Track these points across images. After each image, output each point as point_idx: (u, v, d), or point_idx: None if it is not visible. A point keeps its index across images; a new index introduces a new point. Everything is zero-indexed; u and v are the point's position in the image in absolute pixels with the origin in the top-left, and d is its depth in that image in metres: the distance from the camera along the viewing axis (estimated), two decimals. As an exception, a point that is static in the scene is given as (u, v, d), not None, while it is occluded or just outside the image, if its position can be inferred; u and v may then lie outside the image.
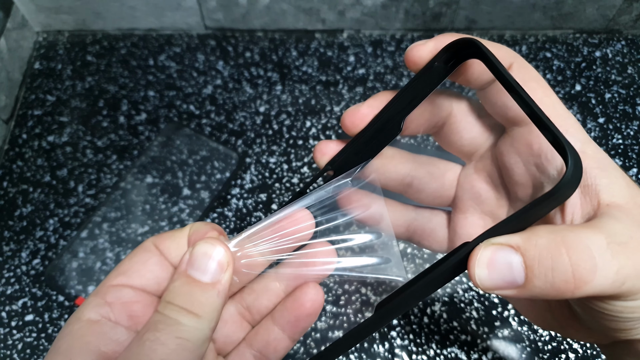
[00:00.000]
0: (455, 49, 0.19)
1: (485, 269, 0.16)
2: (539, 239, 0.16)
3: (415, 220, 0.25)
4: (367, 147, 0.22)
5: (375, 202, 0.23)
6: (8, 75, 0.49)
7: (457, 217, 0.24)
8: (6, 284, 0.41)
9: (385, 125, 0.21)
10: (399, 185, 0.24)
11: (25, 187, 0.45)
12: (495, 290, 0.17)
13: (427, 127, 0.23)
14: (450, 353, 0.37)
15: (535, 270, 0.16)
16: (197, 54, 0.52)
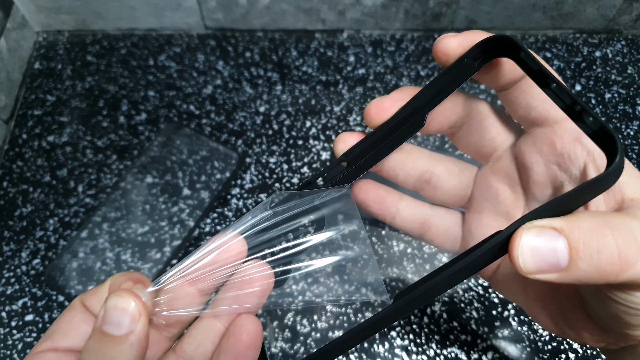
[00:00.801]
0: (487, 45, 0.19)
1: (529, 252, 0.16)
2: (582, 222, 0.16)
3: (430, 217, 0.25)
4: (387, 141, 0.22)
5: (355, 221, 0.23)
6: (8, 75, 0.49)
7: (472, 217, 0.24)
8: (6, 284, 0.41)
9: (408, 119, 0.21)
10: (417, 181, 0.24)
11: (25, 187, 0.45)
12: (537, 274, 0.16)
13: (448, 125, 0.22)
14: (451, 353, 0.37)
15: (581, 253, 0.16)
16: (197, 54, 0.52)
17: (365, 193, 0.24)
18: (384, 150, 0.22)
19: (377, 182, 0.25)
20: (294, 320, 0.39)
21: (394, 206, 0.24)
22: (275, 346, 0.38)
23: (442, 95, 0.21)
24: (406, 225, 0.25)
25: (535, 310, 0.23)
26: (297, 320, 0.39)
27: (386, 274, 0.41)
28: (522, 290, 0.23)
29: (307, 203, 0.23)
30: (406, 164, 0.24)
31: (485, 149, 0.23)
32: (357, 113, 0.48)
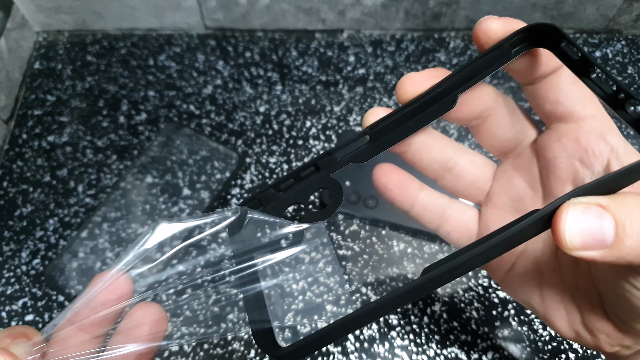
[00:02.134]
0: (530, 33, 0.19)
1: (576, 227, 0.16)
2: (628, 200, 0.16)
3: (450, 209, 0.24)
4: (415, 118, 0.21)
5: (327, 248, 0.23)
6: (8, 75, 0.49)
7: (489, 212, 0.24)
8: (6, 284, 0.41)
9: (439, 98, 0.21)
10: (440, 168, 0.24)
11: (25, 187, 0.45)
12: (582, 250, 0.16)
13: (477, 114, 0.22)
14: (451, 353, 0.37)
15: (628, 230, 0.16)
16: (197, 53, 0.52)
17: (388, 176, 0.23)
18: (411, 128, 0.22)
19: (399, 167, 0.24)
20: (294, 320, 0.39)
21: (415, 194, 0.24)
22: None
23: (476, 78, 0.20)
24: (424, 215, 0.24)
25: (550, 311, 0.22)
26: (297, 320, 0.39)
27: (386, 274, 0.41)
28: (538, 290, 0.23)
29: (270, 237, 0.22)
30: (433, 148, 0.23)
31: (508, 144, 0.23)
32: (357, 113, 0.48)
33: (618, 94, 0.17)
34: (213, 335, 0.21)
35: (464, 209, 0.25)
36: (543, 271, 0.22)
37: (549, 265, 0.22)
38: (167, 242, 0.20)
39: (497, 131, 0.23)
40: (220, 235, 0.38)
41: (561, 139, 0.21)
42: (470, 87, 0.20)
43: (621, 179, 0.16)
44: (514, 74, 0.21)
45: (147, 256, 0.20)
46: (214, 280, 0.21)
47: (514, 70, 0.21)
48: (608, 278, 0.20)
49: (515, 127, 0.22)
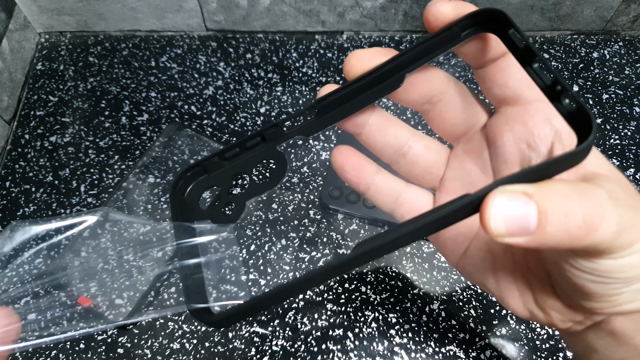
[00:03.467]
0: (479, 18, 0.19)
1: (501, 215, 0.16)
2: (552, 187, 0.17)
3: (405, 193, 0.25)
4: (362, 95, 0.21)
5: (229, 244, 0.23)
6: (10, 76, 0.50)
7: (443, 198, 0.24)
8: (9, 283, 0.41)
9: (387, 76, 0.21)
10: (394, 153, 0.24)
11: (28, 187, 0.46)
12: (507, 237, 0.16)
13: (426, 97, 0.22)
14: (449, 351, 0.38)
15: (549, 216, 0.16)
16: (198, 55, 0.53)
17: (345, 158, 0.24)
18: (358, 105, 0.22)
19: (356, 149, 0.24)
20: (294, 318, 0.39)
21: (371, 176, 0.24)
22: (276, 344, 0.38)
23: (424, 59, 0.21)
24: (379, 198, 0.25)
25: (504, 292, 0.23)
26: (297, 318, 0.39)
27: (386, 273, 0.41)
28: (492, 272, 0.23)
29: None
30: (388, 132, 0.23)
31: (460, 128, 0.23)
32: (357, 114, 0.49)
33: (555, 85, 0.18)
34: (75, 332, 0.20)
35: (419, 193, 0.25)
36: (496, 253, 0.23)
37: (500, 247, 0.23)
38: (24, 244, 0.20)
39: (449, 116, 0.23)
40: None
41: (509, 122, 0.21)
42: (418, 67, 0.21)
43: (547, 169, 0.17)
44: (464, 57, 0.21)
45: (2, 259, 0.19)
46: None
47: (464, 54, 0.21)
48: (551, 259, 0.20)
49: (467, 111, 0.23)
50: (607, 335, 0.21)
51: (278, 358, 0.38)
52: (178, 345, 0.38)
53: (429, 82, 0.22)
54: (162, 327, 0.39)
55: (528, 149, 0.21)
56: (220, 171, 0.23)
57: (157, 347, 0.38)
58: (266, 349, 0.38)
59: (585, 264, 0.18)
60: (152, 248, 0.23)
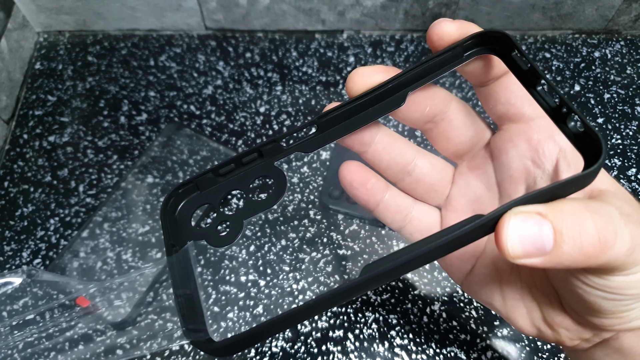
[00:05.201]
0: (483, 39, 0.19)
1: (517, 236, 0.16)
2: (564, 207, 0.17)
3: (414, 211, 0.24)
4: (363, 112, 0.21)
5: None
6: (9, 76, 0.49)
7: (449, 216, 0.24)
8: (7, 284, 0.41)
9: (388, 94, 0.21)
10: (400, 171, 0.24)
11: (26, 187, 0.45)
12: (524, 258, 0.16)
13: (428, 116, 0.22)
14: (450, 352, 0.38)
15: (564, 236, 0.16)
16: (197, 54, 0.52)
17: (354, 174, 0.23)
18: (359, 122, 0.21)
19: (366, 165, 0.24)
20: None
21: (380, 194, 0.24)
22: (276, 345, 0.38)
23: (426, 78, 0.20)
24: (388, 215, 0.24)
25: (511, 310, 0.23)
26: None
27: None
28: (499, 290, 0.23)
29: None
30: (394, 149, 0.23)
31: (463, 146, 0.23)
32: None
33: (561, 108, 0.18)
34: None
35: (428, 211, 0.25)
36: (502, 271, 0.23)
37: (507, 264, 0.23)
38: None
39: (452, 134, 0.23)
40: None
41: (513, 139, 0.21)
42: (420, 86, 0.20)
43: (560, 190, 0.17)
44: (466, 76, 0.21)
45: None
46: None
47: (466, 73, 0.21)
48: (560, 276, 0.20)
49: (470, 129, 0.23)
50: (614, 352, 0.21)
51: (278, 359, 0.38)
52: (177, 347, 0.38)
53: (431, 101, 0.22)
54: (160, 328, 0.39)
55: (533, 165, 0.21)
56: (214, 188, 0.22)
57: (156, 348, 0.38)
58: (266, 350, 0.38)
59: (596, 281, 0.18)
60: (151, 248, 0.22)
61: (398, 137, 0.23)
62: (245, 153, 0.22)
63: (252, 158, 0.22)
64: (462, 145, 0.23)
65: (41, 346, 0.39)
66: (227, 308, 0.39)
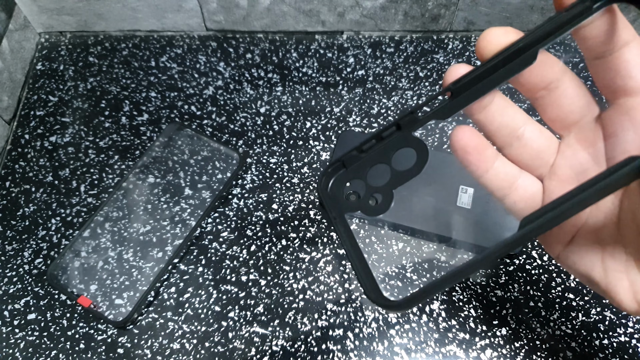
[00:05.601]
0: None
1: None
2: None
3: (520, 179, 0.24)
4: (495, 74, 0.21)
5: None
6: (10, 76, 0.50)
7: (553, 185, 0.24)
8: (9, 283, 0.41)
9: (519, 53, 0.21)
10: (509, 135, 0.24)
11: (28, 187, 0.46)
12: None
13: (546, 80, 0.22)
14: (449, 351, 0.38)
15: None
16: (198, 55, 0.53)
17: (469, 139, 0.23)
18: (491, 84, 0.22)
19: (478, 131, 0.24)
20: (294, 318, 0.39)
21: (492, 160, 0.24)
22: (276, 344, 0.38)
23: (556, 35, 0.21)
24: (495, 182, 0.24)
25: (612, 282, 0.22)
26: (297, 318, 0.39)
27: (385, 273, 0.41)
28: (600, 261, 0.23)
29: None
30: (506, 112, 0.23)
31: (573, 116, 0.23)
32: (357, 114, 0.49)
33: None
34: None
35: (532, 182, 0.25)
36: (604, 242, 0.23)
37: (610, 236, 0.22)
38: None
39: (564, 102, 0.23)
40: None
41: (629, 112, 0.21)
42: (551, 42, 0.21)
43: None
44: (585, 44, 0.21)
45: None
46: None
47: (586, 39, 0.21)
48: None
49: (581, 100, 0.23)
50: None
51: (278, 358, 0.38)
52: (178, 346, 0.38)
53: (551, 67, 0.22)
54: (162, 327, 0.39)
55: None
56: (358, 164, 0.24)
57: (157, 347, 0.38)
58: (266, 349, 0.38)
59: None
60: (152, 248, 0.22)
61: (510, 101, 0.24)
62: (385, 128, 0.23)
63: (391, 132, 0.23)
64: (572, 115, 0.23)
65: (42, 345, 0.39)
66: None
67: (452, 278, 0.19)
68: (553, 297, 0.40)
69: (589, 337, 0.38)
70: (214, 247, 0.42)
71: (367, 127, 0.48)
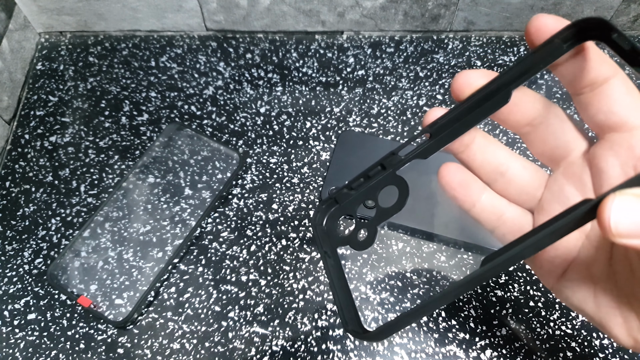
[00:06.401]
0: (580, 27, 0.20)
1: (622, 214, 0.16)
2: None
3: (508, 212, 0.25)
4: (471, 114, 0.22)
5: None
6: (10, 76, 0.50)
7: (541, 219, 0.24)
8: (9, 283, 0.41)
9: (494, 94, 0.22)
10: (492, 172, 0.24)
11: (28, 187, 0.46)
12: (628, 238, 0.16)
13: (528, 116, 0.22)
14: (449, 351, 0.38)
15: None
16: (198, 55, 0.53)
17: (453, 175, 0.24)
18: (468, 124, 0.23)
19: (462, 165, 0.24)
20: (294, 318, 0.39)
21: (478, 194, 0.24)
22: (276, 344, 0.38)
23: (529, 74, 0.21)
24: (483, 216, 0.25)
25: (605, 317, 0.22)
26: (297, 318, 0.39)
27: (385, 273, 0.41)
28: (592, 296, 0.23)
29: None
30: (488, 150, 0.24)
31: (559, 152, 0.23)
32: (357, 114, 0.49)
33: None
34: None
35: (521, 214, 0.25)
36: (596, 278, 0.22)
37: (602, 272, 0.22)
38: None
39: (549, 138, 0.23)
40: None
41: (614, 148, 0.21)
42: (523, 82, 0.21)
43: None
44: (564, 80, 0.21)
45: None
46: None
47: (563, 74, 0.21)
48: None
49: (567, 135, 0.23)
50: None
51: (278, 358, 0.38)
52: (178, 345, 0.38)
53: (532, 104, 0.22)
54: (162, 327, 0.39)
55: (635, 172, 0.20)
56: (350, 200, 0.26)
57: (157, 347, 0.38)
58: (266, 349, 0.38)
59: None
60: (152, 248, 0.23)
61: (492, 139, 0.24)
62: (371, 168, 0.25)
63: (376, 171, 0.25)
64: (558, 150, 0.23)
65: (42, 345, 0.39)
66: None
67: (416, 313, 0.20)
68: (553, 297, 0.40)
69: (589, 337, 0.38)
70: (214, 247, 0.42)
71: (367, 127, 0.48)
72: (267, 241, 0.43)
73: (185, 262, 0.42)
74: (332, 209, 0.26)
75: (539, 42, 0.20)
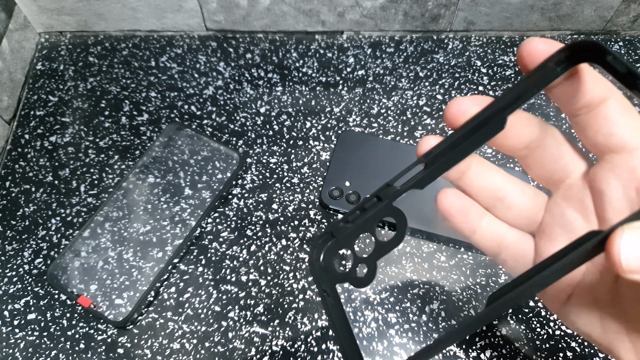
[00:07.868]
0: (574, 50, 0.19)
1: (632, 248, 0.16)
2: None
3: (509, 238, 0.24)
4: (466, 142, 0.22)
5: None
6: (10, 76, 0.50)
7: (543, 244, 0.24)
8: (9, 283, 0.41)
9: (488, 120, 0.21)
10: (490, 198, 0.24)
11: (28, 187, 0.46)
12: (638, 273, 0.16)
13: (524, 140, 0.22)
14: (449, 351, 0.38)
15: None
16: (198, 55, 0.53)
17: (452, 202, 0.23)
18: (463, 152, 0.22)
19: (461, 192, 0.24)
20: (294, 318, 0.39)
21: (477, 221, 0.24)
22: (276, 344, 0.38)
23: (523, 98, 0.21)
24: (483, 242, 0.24)
25: (613, 343, 0.22)
26: (297, 318, 0.39)
27: (385, 273, 0.41)
28: (599, 322, 0.22)
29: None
30: (485, 177, 0.23)
31: (558, 174, 0.23)
32: (357, 114, 0.49)
33: None
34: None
35: (522, 238, 0.24)
36: (602, 302, 0.22)
37: (608, 296, 0.22)
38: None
39: (546, 161, 0.23)
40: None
41: (615, 170, 0.21)
42: (519, 107, 0.21)
43: None
44: (560, 102, 0.21)
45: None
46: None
47: (559, 97, 0.21)
48: None
49: (565, 157, 0.22)
50: None
51: (278, 358, 0.38)
52: (178, 345, 0.38)
53: (527, 128, 0.22)
54: (162, 327, 0.39)
55: (637, 195, 0.20)
56: (347, 234, 0.25)
57: (157, 347, 0.38)
58: (266, 349, 0.38)
59: None
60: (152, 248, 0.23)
61: (488, 164, 0.24)
62: (367, 200, 0.24)
63: (372, 203, 0.24)
64: (557, 173, 0.23)
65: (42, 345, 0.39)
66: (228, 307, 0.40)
67: (424, 354, 0.20)
68: (553, 297, 0.40)
69: (589, 337, 0.38)
70: (214, 247, 0.42)
71: (367, 127, 0.48)
72: (267, 241, 0.43)
73: (185, 262, 0.42)
74: (329, 243, 0.25)
75: (532, 67, 0.20)
